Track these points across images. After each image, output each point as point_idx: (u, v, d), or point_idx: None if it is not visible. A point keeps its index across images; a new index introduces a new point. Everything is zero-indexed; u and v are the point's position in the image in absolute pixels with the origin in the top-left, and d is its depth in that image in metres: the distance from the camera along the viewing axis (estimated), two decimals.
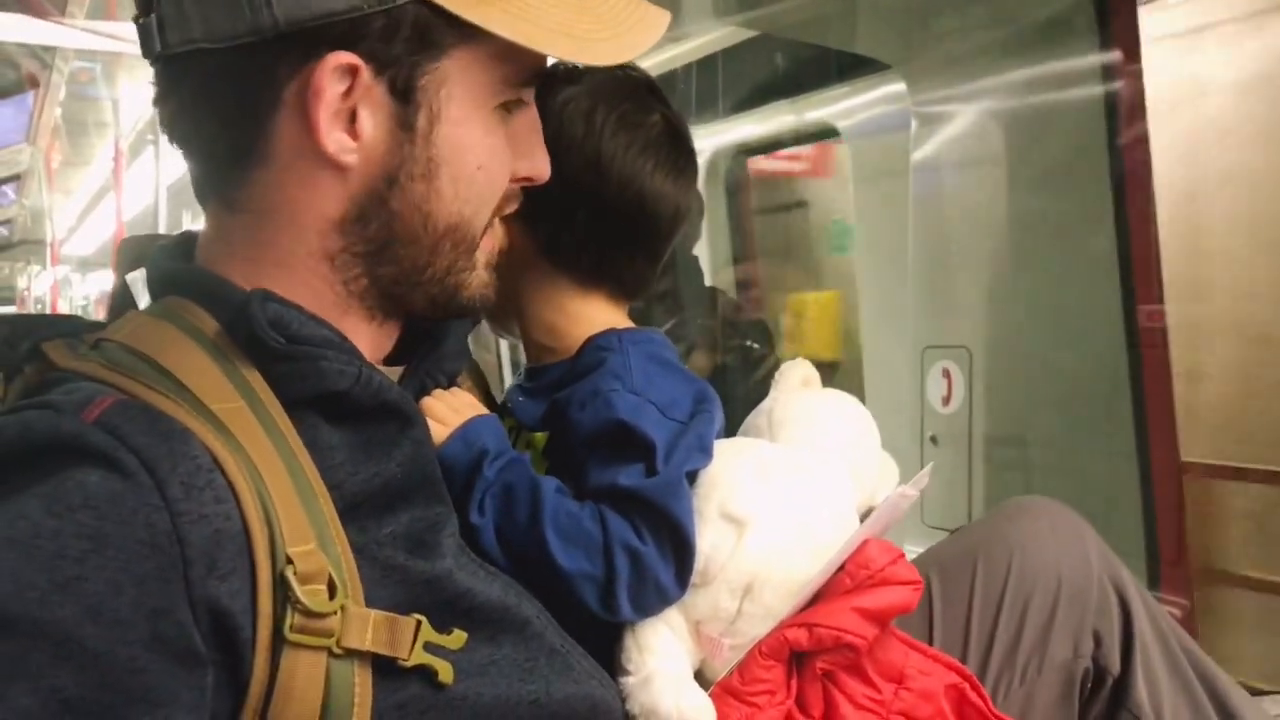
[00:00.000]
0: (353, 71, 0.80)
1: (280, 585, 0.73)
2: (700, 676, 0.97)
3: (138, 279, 0.93)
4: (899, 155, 3.19)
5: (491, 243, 0.94)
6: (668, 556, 0.91)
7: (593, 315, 1.06)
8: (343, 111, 0.82)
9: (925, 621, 1.10)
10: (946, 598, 1.11)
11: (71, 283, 16.11)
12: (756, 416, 1.10)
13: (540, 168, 0.94)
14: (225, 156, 0.86)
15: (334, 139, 0.82)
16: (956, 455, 3.18)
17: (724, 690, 0.94)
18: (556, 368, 1.05)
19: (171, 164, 6.78)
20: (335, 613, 0.74)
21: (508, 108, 0.89)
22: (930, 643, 1.08)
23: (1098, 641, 1.10)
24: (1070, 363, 2.99)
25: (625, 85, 1.06)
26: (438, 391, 0.96)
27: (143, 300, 0.92)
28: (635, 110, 1.04)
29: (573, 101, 1.02)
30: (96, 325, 0.88)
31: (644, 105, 1.05)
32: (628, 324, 1.07)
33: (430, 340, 0.97)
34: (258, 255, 0.86)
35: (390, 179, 0.85)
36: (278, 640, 0.73)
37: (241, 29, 0.78)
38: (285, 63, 0.80)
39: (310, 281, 0.86)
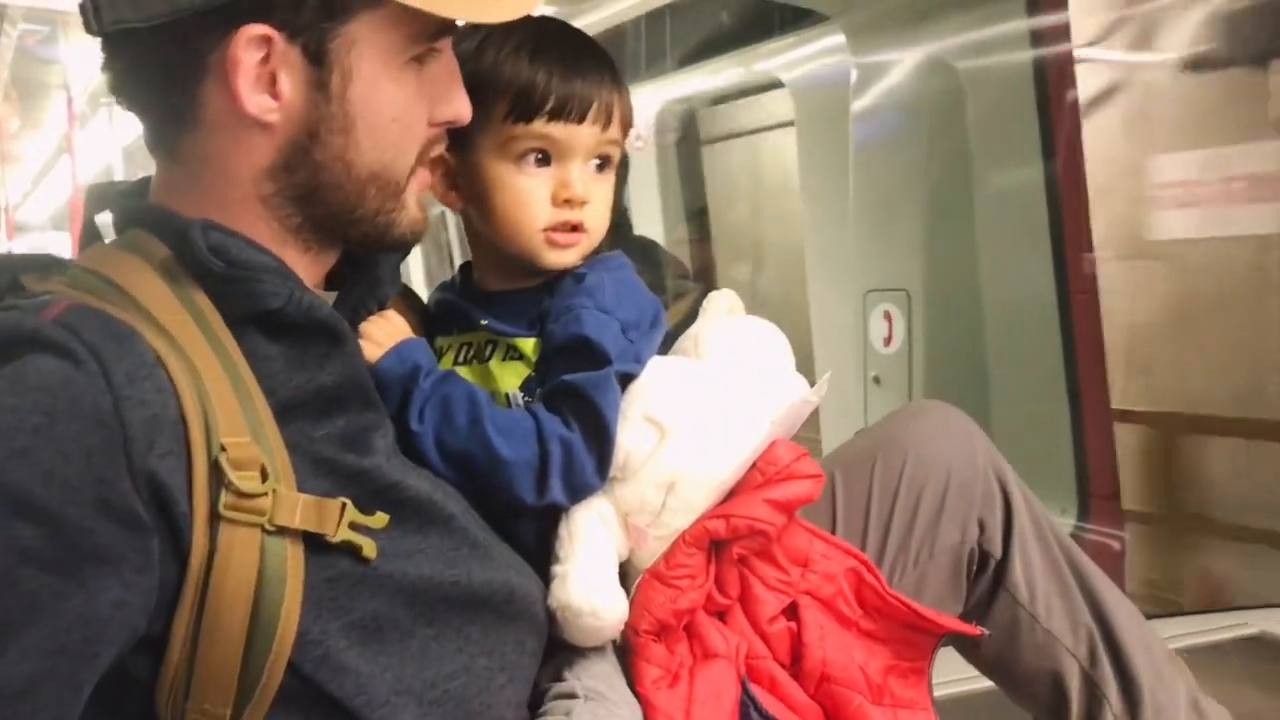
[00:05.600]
0: (267, 40, 0.89)
1: (215, 470, 0.83)
2: (629, 564, 1.08)
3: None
4: (839, 105, 3.29)
5: (421, 183, 1.02)
6: (591, 444, 1.02)
7: None
8: (264, 75, 0.90)
9: (829, 513, 1.21)
10: (848, 491, 1.22)
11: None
12: (684, 340, 1.20)
13: (460, 110, 1.00)
14: (162, 119, 0.95)
15: (255, 101, 0.90)
16: (898, 394, 3.31)
17: (652, 576, 1.05)
18: (535, 291, 1.12)
19: (127, 126, 6.74)
20: (267, 494, 0.84)
21: (420, 59, 0.97)
22: (834, 532, 1.19)
23: (982, 528, 1.22)
24: (1005, 306, 3.11)
25: None
26: (373, 317, 1.05)
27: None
28: None
29: None
30: (70, 261, 0.98)
31: None
32: None
33: (362, 269, 1.06)
34: (200, 198, 0.95)
35: (311, 133, 0.93)
36: (215, 518, 0.83)
37: (165, 9, 0.87)
38: (207, 37, 0.89)
39: (247, 219, 0.95)
